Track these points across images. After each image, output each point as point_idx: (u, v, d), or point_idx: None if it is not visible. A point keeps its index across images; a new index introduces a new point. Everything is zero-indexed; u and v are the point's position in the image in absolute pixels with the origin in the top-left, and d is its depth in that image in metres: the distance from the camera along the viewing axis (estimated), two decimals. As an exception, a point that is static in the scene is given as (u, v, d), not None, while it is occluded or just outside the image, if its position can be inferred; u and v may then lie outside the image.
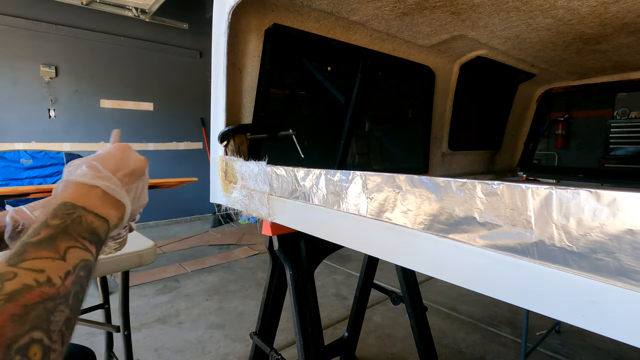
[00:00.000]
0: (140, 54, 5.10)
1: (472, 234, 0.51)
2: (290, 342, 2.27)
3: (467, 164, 2.15)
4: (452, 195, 0.53)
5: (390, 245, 0.63)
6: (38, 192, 0.87)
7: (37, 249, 0.34)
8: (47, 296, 0.31)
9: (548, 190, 0.43)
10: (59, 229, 0.37)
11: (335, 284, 3.22)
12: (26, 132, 4.36)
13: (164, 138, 5.45)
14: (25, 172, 3.17)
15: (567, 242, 0.41)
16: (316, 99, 1.69)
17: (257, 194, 0.99)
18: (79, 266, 0.36)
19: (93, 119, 4.81)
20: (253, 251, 4.10)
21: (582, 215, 0.40)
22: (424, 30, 1.36)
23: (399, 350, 2.21)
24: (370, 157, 1.90)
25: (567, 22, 1.18)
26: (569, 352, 2.17)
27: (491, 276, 0.48)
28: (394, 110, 2.02)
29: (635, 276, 0.36)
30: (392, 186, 0.63)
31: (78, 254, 0.37)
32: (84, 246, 0.38)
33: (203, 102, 5.60)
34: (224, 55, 1.08)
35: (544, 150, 5.57)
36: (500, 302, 0.51)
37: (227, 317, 2.63)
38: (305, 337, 1.10)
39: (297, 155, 1.22)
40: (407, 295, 1.67)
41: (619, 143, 4.74)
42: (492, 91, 2.12)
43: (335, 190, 0.75)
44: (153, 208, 5.39)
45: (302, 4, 1.11)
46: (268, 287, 1.30)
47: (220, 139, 1.12)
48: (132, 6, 4.76)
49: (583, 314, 0.40)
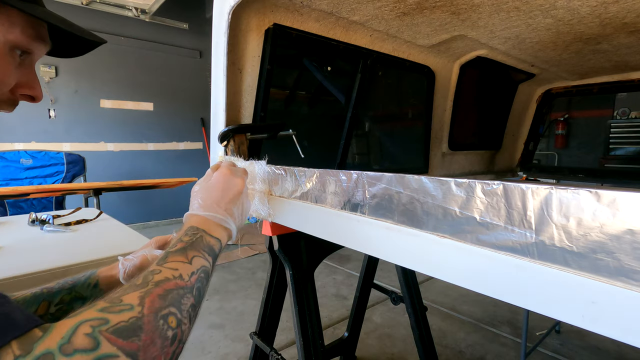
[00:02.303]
0: (140, 54, 5.10)
1: (472, 234, 0.51)
2: (291, 342, 2.27)
3: (467, 164, 2.15)
4: (452, 195, 0.53)
5: (390, 245, 0.63)
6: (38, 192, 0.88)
7: (173, 256, 0.50)
8: (179, 286, 0.46)
9: (548, 190, 0.43)
10: (188, 243, 0.54)
11: (335, 284, 3.22)
12: (26, 132, 4.36)
13: (164, 138, 5.45)
14: (25, 172, 3.17)
15: (567, 242, 0.41)
16: (316, 99, 1.69)
17: (257, 194, 0.99)
18: (200, 269, 0.51)
19: (93, 119, 4.81)
20: (253, 251, 4.10)
21: (582, 215, 0.40)
22: (424, 30, 1.35)
23: (399, 350, 2.21)
24: (370, 157, 1.90)
25: (567, 22, 1.18)
26: (569, 352, 2.17)
27: (491, 276, 0.48)
28: (394, 110, 2.02)
29: (635, 276, 0.36)
30: (392, 186, 0.63)
31: (200, 261, 0.52)
32: (204, 256, 0.54)
33: (203, 102, 5.60)
34: (224, 55, 1.07)
35: (544, 150, 5.57)
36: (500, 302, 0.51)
37: (227, 317, 2.63)
38: (305, 337, 1.10)
39: (297, 155, 1.22)
40: (407, 295, 1.67)
41: (619, 143, 4.74)
42: (492, 91, 2.12)
43: (335, 190, 0.75)
44: (153, 208, 5.40)
45: (302, 4, 1.11)
46: (268, 287, 1.30)
47: (220, 139, 1.12)
48: (132, 6, 4.76)
49: (583, 314, 0.40)
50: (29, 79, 0.53)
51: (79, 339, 0.34)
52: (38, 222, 1.60)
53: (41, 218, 1.61)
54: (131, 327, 0.37)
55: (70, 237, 1.50)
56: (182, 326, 0.43)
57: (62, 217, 1.79)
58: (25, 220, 1.65)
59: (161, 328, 0.40)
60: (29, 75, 0.53)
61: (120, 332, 0.36)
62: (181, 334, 0.42)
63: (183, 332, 0.43)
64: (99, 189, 2.53)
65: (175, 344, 0.41)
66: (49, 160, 3.26)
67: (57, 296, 0.68)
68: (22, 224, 1.65)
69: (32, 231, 1.55)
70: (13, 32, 0.48)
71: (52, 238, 1.48)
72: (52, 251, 1.32)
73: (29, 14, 0.48)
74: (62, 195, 3.15)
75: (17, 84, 0.52)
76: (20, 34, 0.49)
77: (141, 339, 0.37)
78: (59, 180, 3.27)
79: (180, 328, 0.42)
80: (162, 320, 0.40)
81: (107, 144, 4.96)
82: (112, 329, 0.36)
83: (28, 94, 0.54)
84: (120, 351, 0.35)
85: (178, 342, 0.42)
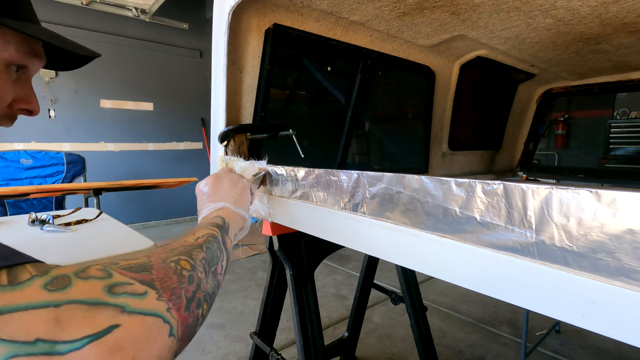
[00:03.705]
0: (140, 54, 5.10)
1: (472, 234, 0.51)
2: (291, 342, 2.27)
3: (467, 164, 2.15)
4: (452, 195, 0.53)
5: (390, 245, 0.63)
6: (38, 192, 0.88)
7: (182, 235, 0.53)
8: (185, 244, 0.48)
9: (548, 190, 0.43)
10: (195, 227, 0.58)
11: (335, 284, 3.22)
12: (26, 132, 4.36)
13: (164, 138, 5.45)
14: (25, 172, 3.16)
15: (567, 242, 0.41)
16: (316, 99, 1.69)
17: (257, 194, 0.99)
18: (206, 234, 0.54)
19: (93, 119, 4.81)
20: (253, 251, 4.10)
21: (582, 215, 0.40)
22: (424, 30, 1.35)
23: (399, 350, 2.21)
24: (370, 157, 1.89)
25: (567, 22, 1.18)
26: (569, 352, 2.17)
27: (491, 276, 0.48)
28: (394, 110, 2.02)
29: (635, 276, 0.36)
30: (392, 186, 0.63)
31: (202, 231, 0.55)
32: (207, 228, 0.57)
33: (203, 102, 5.60)
34: (224, 55, 1.07)
35: (544, 150, 5.57)
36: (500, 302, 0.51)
37: (227, 317, 2.63)
38: (305, 337, 1.10)
39: (297, 155, 1.22)
40: (407, 295, 1.67)
41: (619, 143, 4.74)
42: (492, 91, 2.12)
43: (335, 190, 0.75)
44: (153, 208, 5.39)
45: (302, 4, 1.11)
46: (268, 287, 1.30)
47: (220, 139, 1.12)
48: (132, 6, 4.76)
49: (583, 314, 0.40)
50: (26, 94, 0.54)
51: (93, 271, 0.35)
52: (38, 222, 1.60)
53: (41, 218, 1.61)
54: (141, 265, 0.38)
55: (70, 237, 1.50)
56: (198, 272, 0.43)
57: (62, 217, 1.79)
58: (25, 220, 1.65)
59: (174, 268, 0.40)
60: (25, 90, 0.54)
61: (130, 268, 0.37)
62: (198, 279, 0.42)
63: (200, 279, 0.43)
64: (99, 189, 2.53)
65: (195, 286, 0.41)
66: (49, 160, 3.26)
67: None
68: (22, 224, 1.65)
69: (32, 231, 1.55)
70: (7, 50, 0.49)
71: (52, 238, 1.48)
72: (52, 251, 1.32)
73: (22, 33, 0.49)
74: (62, 195, 3.15)
75: (14, 99, 0.53)
76: (15, 51, 0.50)
77: (152, 273, 0.37)
78: (59, 180, 3.27)
79: (196, 272, 0.42)
80: (172, 263, 0.41)
81: (107, 144, 4.96)
82: (122, 267, 0.37)
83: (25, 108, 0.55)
84: (134, 280, 0.35)
85: (196, 285, 0.41)
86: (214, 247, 0.52)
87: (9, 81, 0.51)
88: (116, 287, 0.33)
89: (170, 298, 0.36)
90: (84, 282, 0.33)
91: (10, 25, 0.48)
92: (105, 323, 0.30)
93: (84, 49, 0.58)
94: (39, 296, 0.30)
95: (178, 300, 0.37)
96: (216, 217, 0.64)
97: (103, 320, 0.30)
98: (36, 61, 0.54)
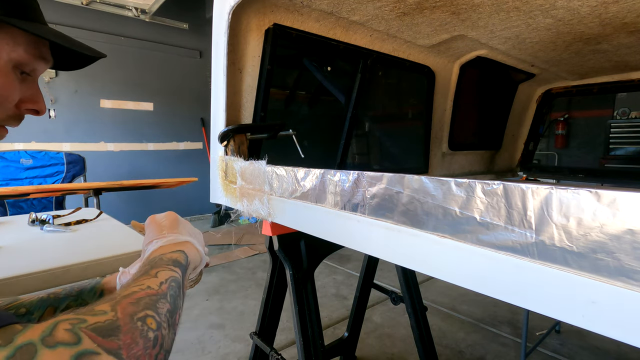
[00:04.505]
0: (140, 54, 5.10)
1: (472, 234, 0.51)
2: (291, 342, 2.27)
3: (467, 164, 2.15)
4: (452, 195, 0.53)
5: (390, 245, 0.63)
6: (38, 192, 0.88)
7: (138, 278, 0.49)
8: (150, 294, 0.45)
9: (548, 190, 0.43)
10: (149, 265, 0.54)
11: (335, 284, 3.22)
12: (26, 132, 4.36)
13: (164, 138, 5.45)
14: (25, 172, 3.16)
15: (567, 242, 0.41)
16: (316, 99, 1.69)
17: (257, 193, 0.99)
18: (169, 279, 0.51)
19: (93, 119, 4.81)
20: (253, 251, 4.10)
21: (582, 215, 0.40)
22: (424, 30, 1.35)
23: (399, 350, 2.21)
24: (370, 157, 1.89)
25: (567, 22, 1.18)
26: (569, 352, 2.17)
27: (491, 276, 0.48)
28: (394, 110, 2.02)
29: (635, 276, 0.36)
30: (392, 186, 0.63)
31: (166, 273, 0.52)
32: (170, 269, 0.54)
33: (203, 102, 5.60)
34: (224, 55, 1.07)
35: (544, 150, 5.57)
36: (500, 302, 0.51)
37: (227, 317, 2.63)
38: (305, 337, 1.10)
39: (297, 155, 1.22)
40: (407, 295, 1.67)
41: (619, 143, 4.74)
42: (492, 91, 2.12)
43: (335, 190, 0.75)
44: (153, 208, 5.39)
45: (302, 4, 1.11)
46: (268, 287, 1.30)
47: (220, 139, 1.12)
48: (132, 6, 4.76)
49: (583, 314, 0.40)
50: (33, 94, 0.55)
51: (60, 333, 0.33)
52: (38, 222, 1.60)
53: (41, 218, 1.61)
54: (109, 327, 0.37)
55: (70, 237, 1.50)
56: (162, 330, 0.42)
57: (62, 217, 1.79)
58: (25, 220, 1.65)
59: (140, 329, 0.39)
60: (32, 90, 0.55)
61: (98, 331, 0.36)
62: (162, 339, 0.42)
63: (164, 337, 0.42)
64: (99, 189, 2.53)
65: (157, 348, 0.40)
66: (49, 160, 3.26)
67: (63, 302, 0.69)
68: (22, 224, 1.65)
69: (32, 231, 1.55)
70: (17, 50, 0.49)
71: (52, 238, 1.48)
72: (52, 251, 1.32)
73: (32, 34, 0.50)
74: (62, 195, 3.15)
75: (21, 99, 0.54)
76: (24, 52, 0.50)
77: (120, 338, 0.37)
78: (59, 180, 3.27)
79: (160, 331, 0.42)
80: (139, 322, 0.40)
81: (107, 144, 4.96)
82: (90, 327, 0.36)
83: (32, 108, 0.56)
84: (101, 349, 0.34)
85: (159, 346, 0.41)
86: (176, 294, 0.50)
87: (17, 81, 0.51)
88: (83, 357, 0.33)
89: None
90: (51, 352, 0.31)
91: (21, 26, 0.48)
92: None
93: (90, 49, 0.59)
94: None
95: None
96: (178, 253, 0.59)
97: None
98: (43, 63, 0.55)
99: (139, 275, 0.50)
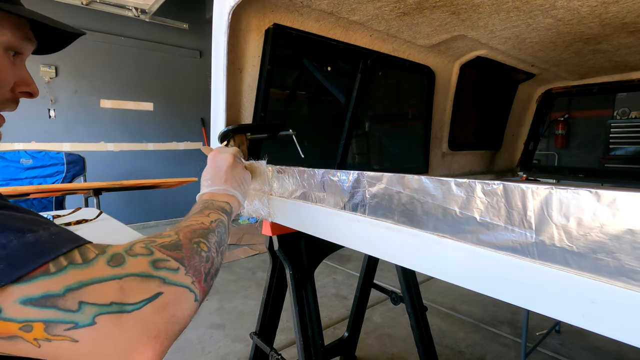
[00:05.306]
0: (140, 54, 5.10)
1: (472, 234, 0.51)
2: (291, 342, 2.27)
3: (467, 164, 2.15)
4: (451, 195, 0.53)
5: (390, 245, 0.63)
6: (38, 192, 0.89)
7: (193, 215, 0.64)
8: (203, 227, 0.58)
9: (548, 190, 0.43)
10: (203, 206, 0.68)
11: (335, 284, 3.22)
12: (26, 132, 4.36)
13: (164, 138, 5.45)
14: (25, 172, 3.16)
15: (567, 242, 0.41)
16: (316, 99, 1.69)
17: (257, 193, 0.99)
18: (217, 220, 0.64)
19: (93, 119, 4.81)
20: (253, 251, 4.10)
21: (582, 215, 0.40)
22: (424, 30, 1.35)
23: (399, 350, 2.21)
24: (370, 157, 1.89)
25: (567, 22, 1.18)
26: (569, 352, 2.17)
27: (491, 276, 0.48)
28: (394, 110, 2.02)
29: (635, 276, 0.36)
30: (392, 186, 0.63)
31: (215, 215, 0.65)
32: (218, 212, 0.67)
33: (203, 102, 5.60)
34: (224, 55, 1.07)
35: (544, 150, 5.57)
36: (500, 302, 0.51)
37: (227, 317, 2.63)
38: (305, 337, 1.10)
39: (297, 155, 1.22)
40: (407, 295, 1.67)
41: (619, 143, 4.74)
42: (492, 91, 2.11)
43: (335, 190, 0.75)
44: (153, 208, 5.39)
45: (302, 4, 1.11)
46: (268, 287, 1.30)
47: (220, 139, 1.12)
48: (132, 6, 4.76)
49: (583, 314, 0.40)
50: (24, 76, 0.57)
51: (138, 248, 0.45)
52: (38, 222, 1.60)
53: (41, 218, 1.61)
54: (174, 245, 0.49)
55: (70, 237, 1.50)
56: (212, 253, 0.54)
57: (62, 217, 1.79)
58: (25, 220, 1.65)
59: (196, 249, 0.51)
60: (23, 73, 0.56)
61: (166, 247, 0.47)
62: (212, 259, 0.53)
63: (214, 258, 0.54)
64: (99, 189, 2.53)
65: (209, 264, 0.52)
66: (49, 160, 3.26)
67: None
68: (22, 224, 1.65)
69: (32, 231, 1.55)
70: (4, 34, 0.51)
71: (52, 238, 1.47)
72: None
73: (15, 14, 0.51)
74: (62, 195, 3.15)
75: (15, 83, 0.55)
76: (11, 35, 0.52)
77: (182, 252, 0.48)
78: (59, 180, 3.27)
79: (210, 253, 0.53)
80: (195, 244, 0.51)
81: (107, 144, 4.96)
82: (159, 245, 0.47)
83: (26, 90, 0.58)
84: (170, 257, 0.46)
85: (211, 263, 0.52)
86: (222, 231, 0.62)
87: (9, 65, 0.53)
88: (158, 262, 0.44)
89: (194, 273, 0.47)
90: (134, 259, 0.43)
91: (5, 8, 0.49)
92: (154, 290, 0.41)
93: (69, 27, 0.60)
94: (106, 272, 0.40)
95: (199, 275, 0.48)
96: (226, 203, 0.73)
97: (153, 289, 0.41)
98: (29, 44, 0.56)
99: (195, 213, 0.65)
